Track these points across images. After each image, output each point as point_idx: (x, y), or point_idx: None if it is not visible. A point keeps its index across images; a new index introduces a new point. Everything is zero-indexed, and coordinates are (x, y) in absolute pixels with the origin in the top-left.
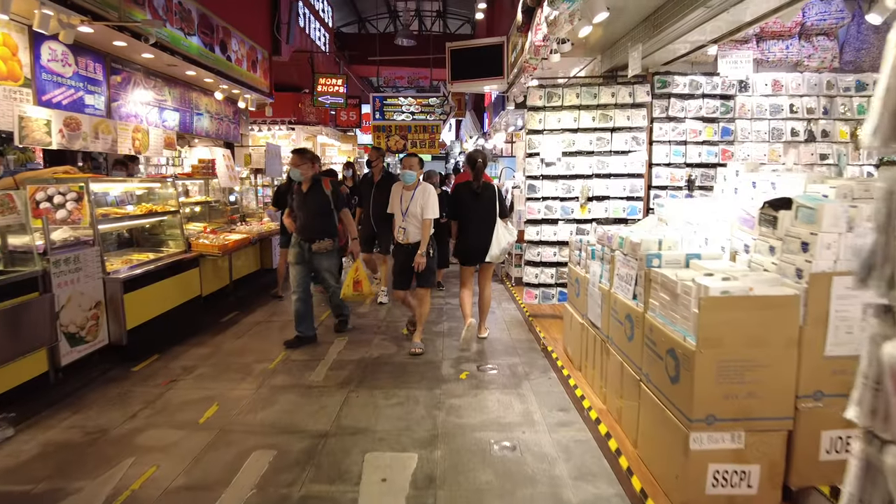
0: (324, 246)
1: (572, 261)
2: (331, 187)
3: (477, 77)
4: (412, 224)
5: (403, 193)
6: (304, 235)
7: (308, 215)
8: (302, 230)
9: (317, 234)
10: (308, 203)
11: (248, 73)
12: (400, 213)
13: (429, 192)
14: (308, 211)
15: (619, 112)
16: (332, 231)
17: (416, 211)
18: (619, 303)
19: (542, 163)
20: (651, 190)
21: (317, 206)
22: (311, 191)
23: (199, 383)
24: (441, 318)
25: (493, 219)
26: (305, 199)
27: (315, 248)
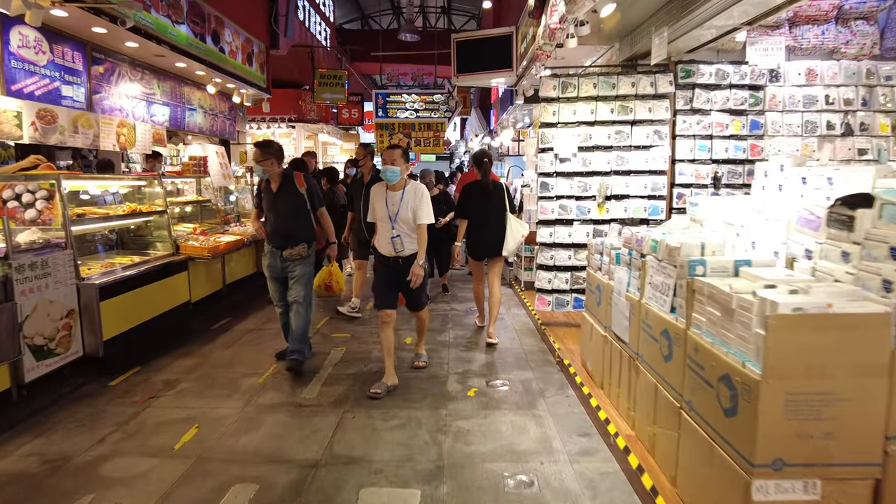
0: (297, 252)
1: (592, 266)
2: (305, 184)
3: (484, 70)
4: (404, 233)
5: (389, 196)
6: (276, 242)
7: (279, 218)
8: (273, 235)
9: (289, 239)
10: (279, 204)
11: (243, 67)
12: (387, 219)
13: (421, 193)
14: (279, 213)
15: (639, 103)
16: (307, 235)
17: (408, 216)
18: (652, 316)
19: (556, 159)
20: (674, 188)
21: (289, 206)
22: (281, 189)
23: (180, 400)
24: (446, 326)
25: (504, 215)
26: (276, 199)
27: (286, 255)
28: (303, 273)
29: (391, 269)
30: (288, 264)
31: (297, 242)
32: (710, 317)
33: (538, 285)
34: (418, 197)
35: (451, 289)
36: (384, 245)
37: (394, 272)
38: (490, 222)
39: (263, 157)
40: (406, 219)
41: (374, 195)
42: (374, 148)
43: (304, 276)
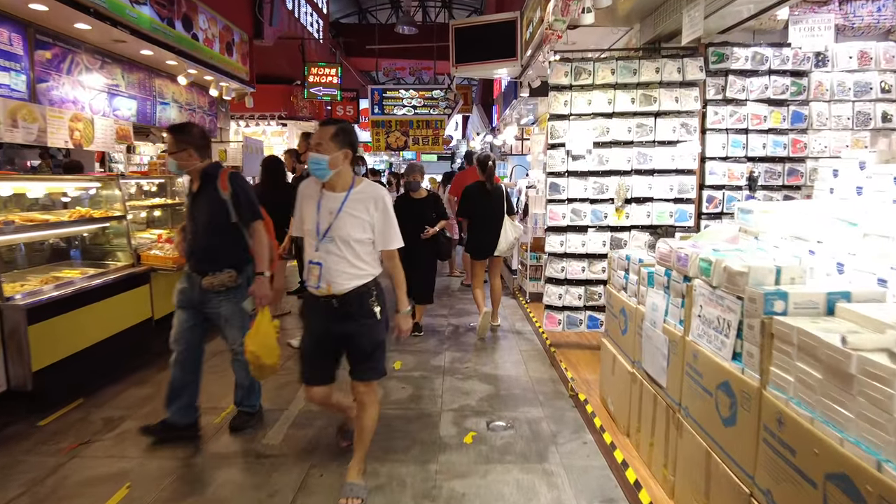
0: (220, 281)
1: (614, 284)
2: (230, 187)
3: (485, 59)
4: (337, 256)
5: (325, 198)
6: (192, 264)
7: (195, 232)
8: (188, 255)
9: (206, 261)
10: (196, 213)
11: (221, 57)
12: (314, 234)
13: (379, 202)
14: (196, 225)
15: (664, 92)
16: (234, 257)
17: (350, 233)
18: (703, 360)
19: (568, 156)
20: (703, 190)
21: (208, 216)
22: (201, 193)
23: (117, 447)
24: (442, 346)
25: (503, 216)
26: (193, 205)
27: (206, 285)
28: (233, 313)
29: (323, 317)
30: (210, 298)
31: (217, 267)
32: (805, 378)
33: (547, 301)
34: (375, 206)
35: (450, 300)
36: (307, 272)
37: (328, 321)
38: (492, 223)
39: (176, 147)
40: (346, 236)
41: (303, 197)
42: None
43: (235, 316)
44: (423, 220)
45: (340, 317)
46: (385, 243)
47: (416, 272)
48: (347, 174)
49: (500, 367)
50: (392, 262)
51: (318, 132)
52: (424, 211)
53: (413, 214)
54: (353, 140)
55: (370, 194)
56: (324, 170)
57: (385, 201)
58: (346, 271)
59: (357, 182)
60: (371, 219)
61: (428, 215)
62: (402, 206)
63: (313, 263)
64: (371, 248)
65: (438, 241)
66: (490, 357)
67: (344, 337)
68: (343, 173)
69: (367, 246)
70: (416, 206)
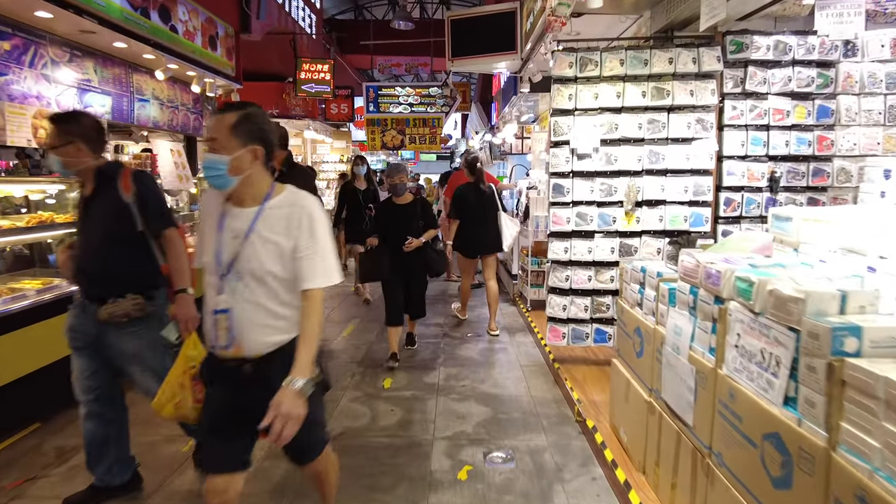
0: (122, 310)
1: (627, 298)
2: (134, 187)
3: (483, 52)
4: (249, 301)
5: (228, 217)
6: (85, 288)
7: (90, 246)
8: (79, 277)
9: (105, 285)
10: (89, 222)
11: (204, 51)
12: (214, 269)
13: (308, 219)
14: (90, 238)
15: (678, 85)
16: (140, 278)
17: (264, 265)
18: (743, 401)
19: (573, 154)
20: (720, 192)
21: (104, 225)
22: (96, 198)
23: (66, 484)
24: (437, 360)
25: (496, 214)
26: (86, 213)
27: (104, 316)
28: (142, 351)
29: (233, 389)
30: (109, 332)
31: (118, 291)
32: (893, 442)
33: (550, 313)
34: (300, 225)
35: (445, 307)
36: (209, 324)
37: (239, 394)
38: (485, 222)
39: (60, 140)
40: (259, 270)
41: (203, 215)
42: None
43: (150, 354)
44: (409, 230)
45: (257, 389)
46: (308, 277)
47: (407, 286)
48: (261, 181)
49: (499, 385)
50: (310, 304)
51: (212, 123)
52: (411, 218)
53: (397, 222)
54: (264, 131)
55: (292, 207)
56: (222, 177)
57: (313, 216)
58: (263, 323)
59: (276, 191)
60: (293, 243)
61: (415, 224)
62: (385, 214)
63: (218, 312)
64: (296, 286)
65: (426, 253)
66: (488, 373)
67: (250, 414)
68: (254, 180)
69: (291, 283)
70: (400, 212)
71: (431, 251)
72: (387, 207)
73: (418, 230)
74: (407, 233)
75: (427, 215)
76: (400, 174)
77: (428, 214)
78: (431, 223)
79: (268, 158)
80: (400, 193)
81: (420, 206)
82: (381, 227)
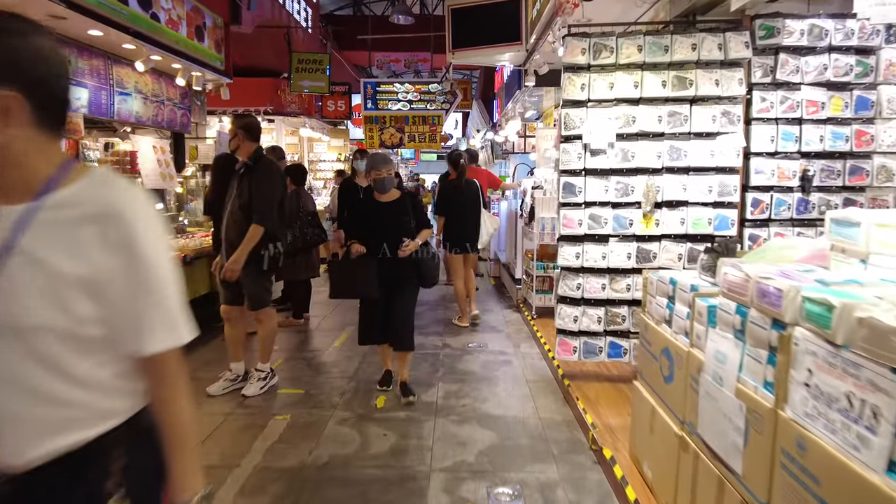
0: None
1: (652, 313)
2: None
3: (486, 43)
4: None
5: None
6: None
7: None
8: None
9: None
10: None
11: (190, 42)
12: None
13: (125, 230)
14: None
15: (703, 74)
16: None
17: (36, 312)
18: (820, 457)
19: (586, 150)
20: (747, 192)
21: None
22: None
23: None
24: (435, 375)
25: (479, 211)
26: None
27: None
28: None
29: None
30: None
31: None
32: None
33: (560, 324)
34: (105, 240)
35: (446, 313)
36: None
37: None
38: (469, 218)
39: None
40: (23, 322)
41: None
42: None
43: None
44: (396, 231)
45: None
46: (140, 335)
47: (389, 303)
48: (31, 158)
49: (503, 405)
50: (160, 383)
51: None
52: (398, 218)
53: (382, 224)
54: (21, 63)
55: (97, 207)
56: None
57: (136, 226)
58: (33, 415)
59: (69, 177)
60: (94, 272)
61: (404, 224)
62: (368, 212)
63: None
64: (103, 349)
65: (421, 259)
66: (492, 390)
67: None
68: (13, 155)
69: (90, 344)
70: (384, 211)
71: (426, 256)
72: (367, 205)
73: (411, 232)
74: (396, 235)
75: (419, 213)
76: (386, 167)
77: (420, 212)
78: (424, 223)
79: (46, 115)
80: (385, 189)
81: (409, 203)
82: (359, 228)
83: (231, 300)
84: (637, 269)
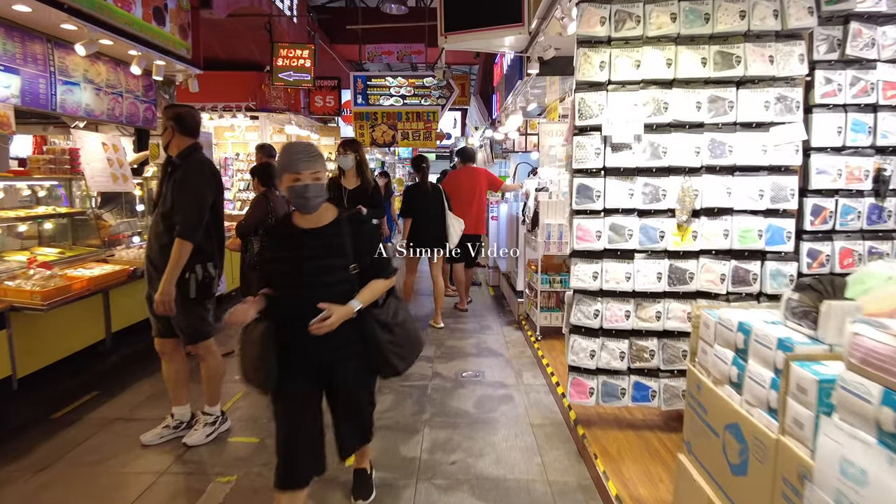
0: None
1: (708, 365)
2: None
3: (482, 25)
4: None
5: None
6: None
7: None
8: None
9: None
10: None
11: (146, 25)
12: None
13: None
14: None
15: (753, 49)
16: None
17: None
18: None
19: (606, 144)
20: (805, 197)
21: None
22: None
23: None
24: (421, 417)
25: (444, 213)
26: None
27: None
28: None
29: None
30: None
31: None
32: None
33: (573, 361)
34: None
35: (438, 334)
36: None
37: None
38: (432, 220)
39: None
40: None
41: None
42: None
43: None
44: (320, 288)
45: None
46: None
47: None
48: None
49: (503, 461)
50: None
51: None
52: (322, 260)
53: (295, 266)
54: None
55: None
56: None
57: None
58: None
59: None
60: None
61: (332, 271)
62: (280, 247)
63: None
64: None
65: (369, 332)
66: (489, 438)
67: None
68: None
69: None
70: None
71: (383, 324)
72: (279, 236)
73: (347, 287)
74: (315, 295)
75: (361, 247)
76: (310, 166)
77: (365, 245)
78: (378, 268)
79: None
80: (309, 206)
81: (351, 233)
82: (266, 275)
83: (163, 332)
84: (670, 292)
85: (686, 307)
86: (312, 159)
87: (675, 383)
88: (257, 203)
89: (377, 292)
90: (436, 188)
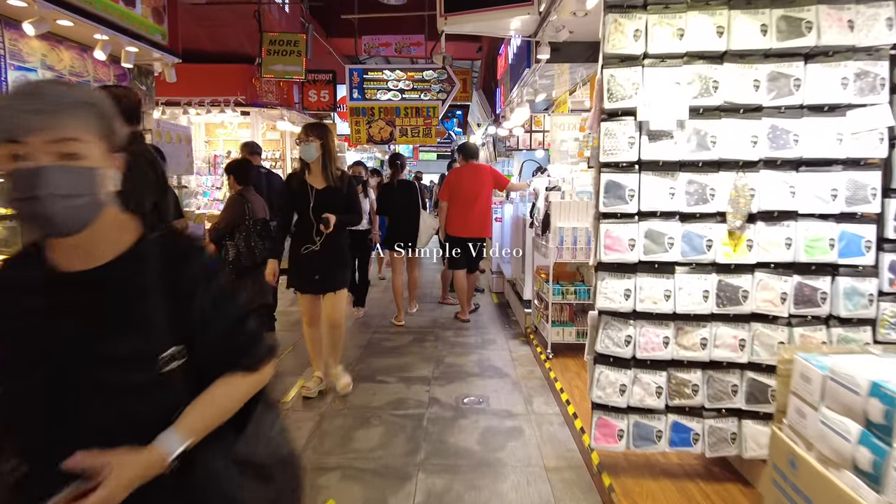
0: None
1: (806, 431)
2: None
3: (486, 5)
4: None
5: None
6: None
7: None
8: None
9: None
10: None
11: (112, 5)
12: None
13: None
14: None
15: (826, 10)
16: None
17: None
18: None
19: (641, 132)
20: (889, 197)
21: None
22: None
23: None
24: (415, 456)
25: (417, 211)
26: None
27: None
28: None
29: None
30: None
31: None
32: None
33: (599, 398)
34: None
35: (437, 347)
36: None
37: None
38: (406, 217)
39: None
40: None
41: None
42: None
43: None
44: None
45: None
46: None
47: None
48: None
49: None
50: None
51: None
52: None
53: None
54: None
55: None
56: None
57: None
58: None
59: None
60: None
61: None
62: None
63: None
64: None
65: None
66: (496, 485)
67: None
68: None
69: None
70: None
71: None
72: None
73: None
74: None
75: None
76: (47, 125)
77: (204, 302)
78: (233, 351)
79: None
80: (56, 225)
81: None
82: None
83: None
84: (718, 314)
85: (738, 332)
86: (58, 109)
87: (722, 425)
88: (232, 203)
89: (226, 406)
90: (410, 184)
